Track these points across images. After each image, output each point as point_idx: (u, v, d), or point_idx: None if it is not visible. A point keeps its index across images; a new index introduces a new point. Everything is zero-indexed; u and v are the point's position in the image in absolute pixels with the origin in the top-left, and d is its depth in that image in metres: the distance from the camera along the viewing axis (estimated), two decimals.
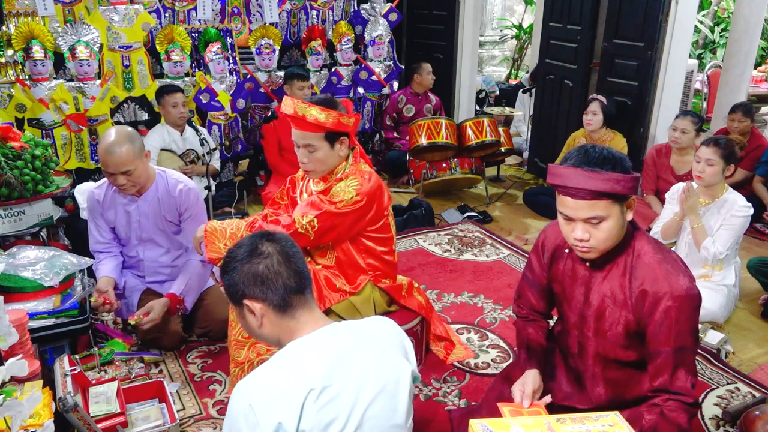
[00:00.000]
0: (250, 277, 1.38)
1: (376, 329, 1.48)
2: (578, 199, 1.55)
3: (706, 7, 8.37)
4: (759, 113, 7.17)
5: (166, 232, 2.75)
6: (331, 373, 1.30)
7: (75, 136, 3.93)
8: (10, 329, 1.55)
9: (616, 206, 1.56)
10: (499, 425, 1.37)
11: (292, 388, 1.26)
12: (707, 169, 2.94)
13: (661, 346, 1.59)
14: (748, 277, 3.35)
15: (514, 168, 5.90)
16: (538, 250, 1.90)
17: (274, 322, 1.40)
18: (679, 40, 4.29)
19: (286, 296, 1.38)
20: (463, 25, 5.84)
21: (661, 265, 1.61)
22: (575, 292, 1.77)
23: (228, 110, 4.44)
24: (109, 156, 2.44)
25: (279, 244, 1.43)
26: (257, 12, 4.77)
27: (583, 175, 1.52)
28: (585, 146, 1.60)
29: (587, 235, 1.59)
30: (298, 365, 1.31)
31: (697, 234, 2.97)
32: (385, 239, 2.40)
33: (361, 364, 1.35)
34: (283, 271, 1.38)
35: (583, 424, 1.38)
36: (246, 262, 1.40)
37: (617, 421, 1.40)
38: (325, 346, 1.36)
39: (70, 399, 1.73)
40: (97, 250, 2.75)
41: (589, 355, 1.78)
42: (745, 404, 2.36)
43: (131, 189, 2.59)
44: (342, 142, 2.25)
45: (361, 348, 1.39)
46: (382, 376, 1.37)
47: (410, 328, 2.50)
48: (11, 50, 3.78)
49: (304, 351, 1.34)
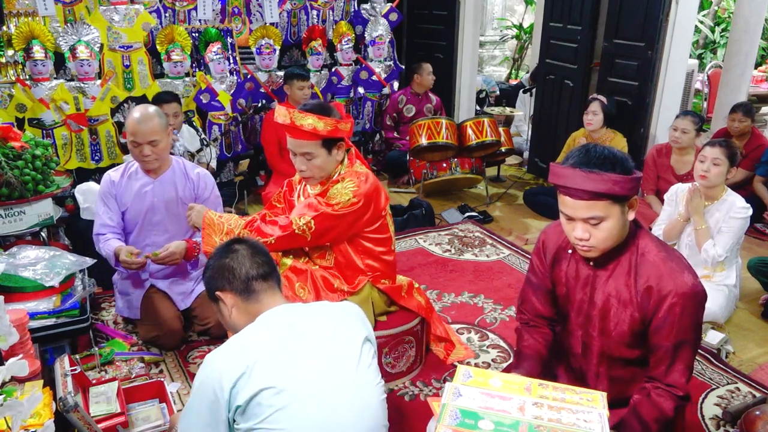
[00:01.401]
0: (219, 270, 1.60)
1: (335, 309, 1.66)
2: (577, 199, 1.55)
3: (706, 7, 8.37)
4: (759, 113, 7.17)
5: (177, 216, 2.76)
6: (282, 339, 1.48)
7: (75, 136, 3.93)
8: (11, 329, 1.55)
9: (615, 207, 1.56)
10: (481, 373, 1.49)
11: (248, 351, 1.43)
12: (713, 168, 2.94)
13: (662, 340, 1.62)
14: (749, 277, 3.35)
15: (515, 168, 5.91)
16: (539, 252, 1.89)
17: (242, 309, 1.59)
18: (680, 40, 4.29)
19: (249, 282, 1.57)
20: (464, 25, 5.84)
21: (665, 262, 1.62)
22: (579, 292, 1.77)
23: (228, 110, 4.44)
24: (139, 125, 2.57)
25: (248, 243, 1.66)
26: (257, 12, 4.77)
27: (581, 176, 1.52)
28: (587, 146, 1.60)
29: (587, 235, 1.59)
30: (255, 333, 1.50)
31: (700, 236, 2.97)
32: (383, 239, 2.40)
33: (314, 331, 1.53)
34: (246, 262, 1.59)
35: (563, 393, 1.44)
36: (218, 259, 1.62)
37: (597, 398, 1.43)
38: (281, 318, 1.54)
39: (70, 399, 1.73)
40: (100, 233, 2.71)
41: (594, 354, 1.78)
42: (746, 404, 2.36)
43: (154, 163, 2.67)
44: (339, 146, 2.25)
45: (316, 320, 1.57)
46: (333, 342, 1.53)
47: (410, 329, 2.50)
48: (12, 50, 3.78)
49: (262, 323, 1.52)
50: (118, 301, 2.88)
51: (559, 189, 1.60)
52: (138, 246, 2.78)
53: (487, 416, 1.32)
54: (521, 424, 1.30)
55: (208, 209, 2.39)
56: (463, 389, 1.41)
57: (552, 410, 1.36)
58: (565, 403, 1.39)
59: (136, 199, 2.73)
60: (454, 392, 1.40)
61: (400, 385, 2.53)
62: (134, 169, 2.75)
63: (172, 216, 2.78)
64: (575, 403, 1.39)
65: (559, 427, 1.31)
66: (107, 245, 2.66)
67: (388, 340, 2.43)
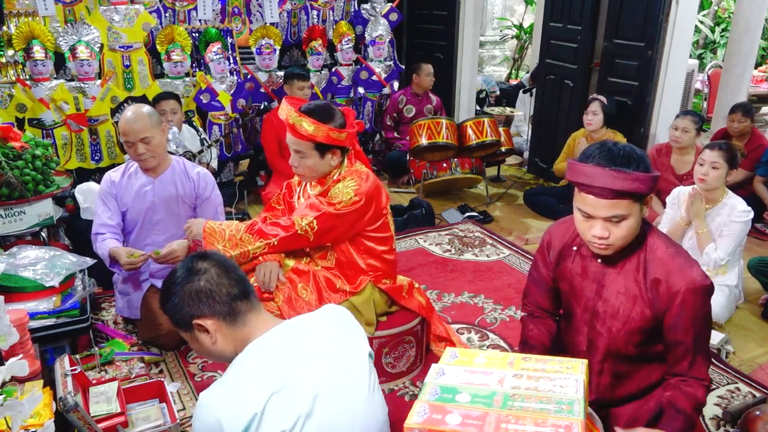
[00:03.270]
0: (194, 296, 1.39)
1: (327, 319, 1.53)
2: (601, 198, 1.54)
3: (706, 7, 8.37)
4: (759, 113, 7.17)
5: (178, 216, 2.77)
6: (288, 370, 1.34)
7: (75, 136, 3.94)
8: (11, 329, 1.55)
9: (636, 205, 1.57)
10: (466, 353, 1.49)
11: (253, 394, 1.29)
12: (711, 172, 2.93)
13: (680, 336, 1.64)
14: (749, 277, 3.35)
15: (515, 168, 5.90)
16: (543, 251, 1.89)
17: (227, 335, 1.41)
18: (680, 40, 4.29)
19: (233, 304, 1.40)
20: (464, 25, 5.84)
21: (674, 258, 1.64)
22: (586, 288, 1.77)
23: (228, 110, 4.44)
24: (129, 124, 2.57)
25: (213, 259, 1.46)
26: (258, 12, 4.77)
27: (610, 175, 1.50)
28: (606, 143, 1.58)
29: (606, 233, 1.59)
30: (256, 370, 1.34)
31: (701, 239, 2.97)
32: (384, 238, 2.41)
33: (317, 352, 1.40)
34: (224, 281, 1.41)
35: (545, 363, 1.46)
36: (186, 283, 1.41)
37: (576, 365, 1.45)
38: (279, 344, 1.39)
39: (70, 399, 1.73)
40: (99, 232, 2.70)
41: (599, 351, 1.78)
42: (746, 404, 2.36)
43: (151, 161, 2.66)
44: (334, 153, 2.25)
45: (314, 337, 1.44)
46: (339, 360, 1.43)
47: (411, 329, 2.50)
48: (12, 50, 3.78)
49: (260, 355, 1.37)
50: (118, 301, 2.88)
51: (579, 187, 1.58)
52: (138, 246, 2.78)
53: (465, 390, 1.34)
54: (497, 394, 1.32)
55: (207, 220, 2.37)
56: (447, 368, 1.43)
57: (530, 380, 1.38)
58: (545, 372, 1.42)
59: (136, 198, 2.74)
60: (438, 372, 1.42)
61: (400, 385, 2.53)
62: (134, 169, 2.75)
63: (172, 215, 2.78)
64: (555, 372, 1.42)
65: (534, 394, 1.32)
66: (103, 246, 2.65)
67: (388, 340, 2.43)
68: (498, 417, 1.25)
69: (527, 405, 1.29)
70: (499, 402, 1.30)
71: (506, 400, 1.31)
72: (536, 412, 1.27)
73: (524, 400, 1.30)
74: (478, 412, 1.27)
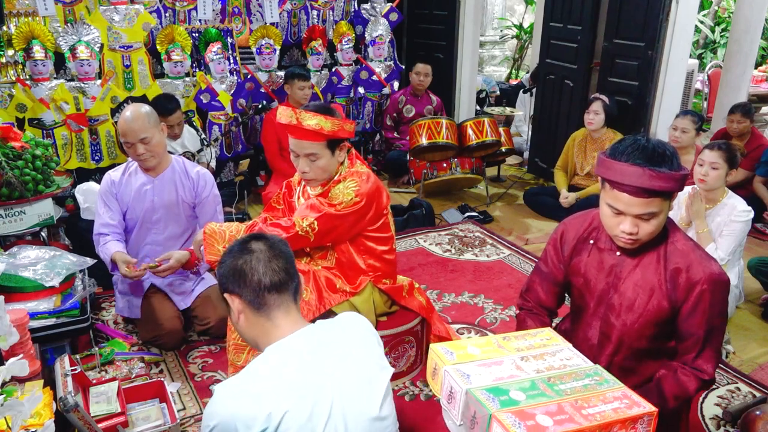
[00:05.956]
0: (230, 271, 1.41)
1: (348, 328, 1.50)
2: (636, 197, 1.54)
3: (706, 7, 8.37)
4: (759, 113, 7.17)
5: (177, 215, 2.78)
6: (307, 384, 1.31)
7: (75, 136, 3.93)
8: (11, 329, 1.55)
9: (666, 202, 1.58)
10: (456, 346, 1.47)
11: (270, 403, 1.27)
12: (711, 172, 2.93)
13: (693, 329, 1.64)
14: (749, 277, 3.35)
15: (515, 168, 5.90)
16: (556, 243, 1.88)
17: (250, 320, 1.42)
18: (680, 40, 4.29)
19: (261, 293, 1.38)
20: (464, 25, 5.84)
21: (694, 251, 1.65)
22: (601, 281, 1.77)
23: (228, 110, 4.44)
24: (128, 124, 2.57)
25: (268, 243, 1.44)
26: (258, 12, 4.77)
27: (648, 176, 1.50)
28: (638, 140, 1.57)
29: (636, 229, 1.60)
30: (275, 378, 1.31)
31: (702, 239, 2.97)
32: (385, 239, 2.41)
33: (337, 364, 1.37)
34: (260, 268, 1.39)
35: (525, 340, 1.50)
36: (232, 257, 1.42)
37: (552, 335, 1.52)
38: (299, 353, 1.36)
39: (70, 399, 1.73)
40: (102, 233, 2.71)
41: (611, 344, 1.78)
42: (746, 404, 2.36)
43: (151, 160, 2.67)
44: (341, 147, 2.25)
45: (336, 348, 1.40)
46: (358, 374, 1.39)
47: (411, 329, 2.50)
48: (12, 50, 3.78)
49: (280, 362, 1.34)
50: (118, 301, 2.88)
51: (612, 185, 1.58)
52: (138, 245, 2.78)
53: (507, 386, 1.30)
54: (536, 382, 1.31)
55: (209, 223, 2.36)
56: (463, 368, 1.37)
57: (539, 360, 1.38)
58: (537, 349, 1.42)
59: (137, 198, 2.74)
60: (462, 375, 1.34)
61: (400, 385, 2.53)
62: (134, 168, 2.76)
63: (171, 215, 2.79)
64: (543, 346, 1.43)
65: (559, 373, 1.33)
66: (105, 249, 2.66)
67: (388, 339, 2.43)
68: (571, 405, 1.23)
69: (570, 385, 1.29)
70: (548, 390, 1.28)
71: (550, 386, 1.29)
72: (586, 390, 1.27)
73: (562, 382, 1.30)
74: (549, 407, 1.23)
